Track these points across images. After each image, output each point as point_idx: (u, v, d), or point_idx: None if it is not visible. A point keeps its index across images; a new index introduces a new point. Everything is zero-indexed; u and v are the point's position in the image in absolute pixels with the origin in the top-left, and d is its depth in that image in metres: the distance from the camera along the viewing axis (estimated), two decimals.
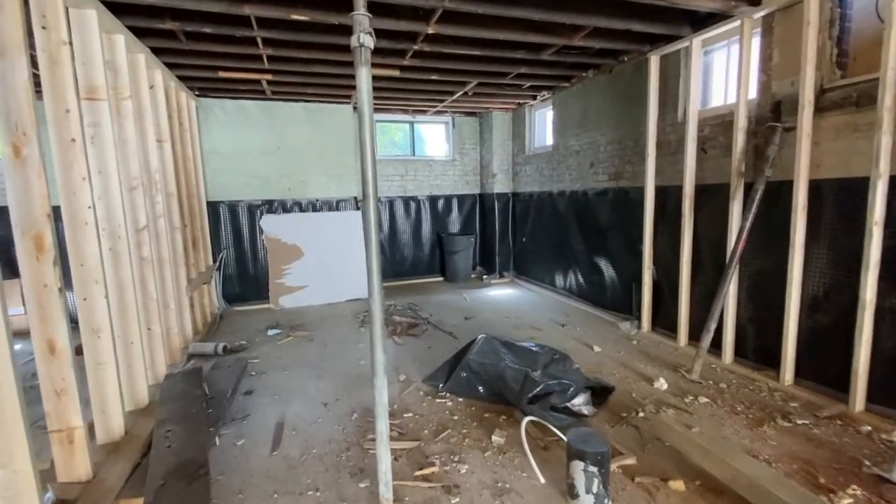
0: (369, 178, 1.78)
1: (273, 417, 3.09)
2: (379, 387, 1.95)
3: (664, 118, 4.33)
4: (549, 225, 6.41)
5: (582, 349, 4.22)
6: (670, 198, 4.30)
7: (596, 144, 5.31)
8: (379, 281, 1.88)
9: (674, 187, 4.25)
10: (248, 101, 6.05)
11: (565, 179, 5.95)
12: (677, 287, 4.19)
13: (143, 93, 3.68)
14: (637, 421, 2.92)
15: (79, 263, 2.57)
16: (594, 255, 5.45)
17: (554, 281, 6.40)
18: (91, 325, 2.64)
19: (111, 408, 2.73)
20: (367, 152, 1.77)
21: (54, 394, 2.25)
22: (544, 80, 5.42)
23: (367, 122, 1.77)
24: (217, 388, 3.34)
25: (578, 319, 5.17)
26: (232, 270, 6.23)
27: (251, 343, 4.70)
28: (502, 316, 5.45)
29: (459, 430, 2.84)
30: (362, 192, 1.81)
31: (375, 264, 1.86)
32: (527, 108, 6.86)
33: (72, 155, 2.50)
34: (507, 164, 7.41)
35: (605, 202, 5.21)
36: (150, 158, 3.78)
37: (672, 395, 3.29)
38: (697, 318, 4.08)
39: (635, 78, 4.65)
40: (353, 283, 6.51)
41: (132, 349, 3.11)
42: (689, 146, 3.94)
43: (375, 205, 1.82)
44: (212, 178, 5.98)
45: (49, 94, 2.42)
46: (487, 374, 3.16)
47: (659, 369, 3.73)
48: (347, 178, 6.70)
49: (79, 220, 2.54)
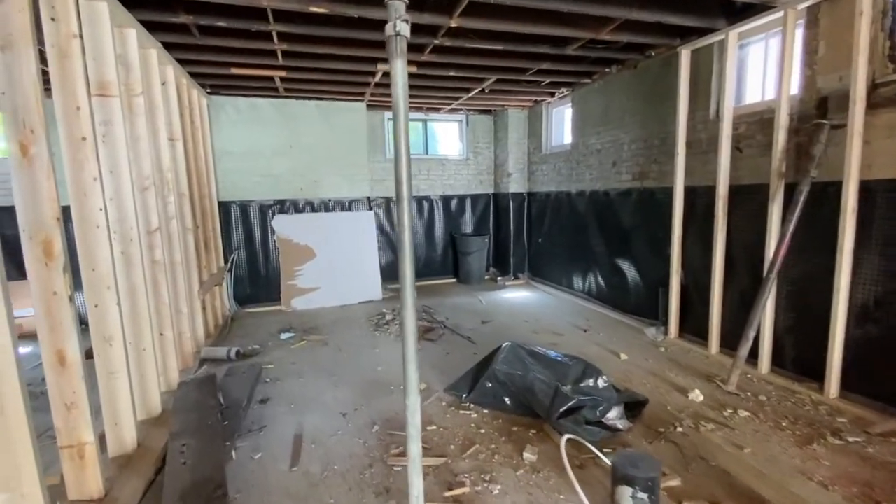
0: (403, 179, 1.62)
1: (290, 429, 2.96)
2: (412, 407, 1.80)
3: (694, 115, 4.14)
4: (566, 226, 6.23)
5: (607, 356, 4.05)
6: (701, 199, 4.12)
7: (619, 143, 5.13)
8: (412, 292, 1.73)
9: (704, 188, 4.06)
10: (261, 98, 5.92)
11: (585, 179, 5.77)
12: (708, 292, 4.01)
13: (155, 89, 3.55)
14: (676, 437, 2.75)
15: (90, 268, 2.45)
16: (616, 257, 5.27)
17: (572, 283, 6.22)
18: (103, 333, 2.51)
19: (123, 419, 2.60)
20: (401, 152, 1.62)
21: (64, 407, 2.13)
22: (565, 76, 5.24)
23: (403, 118, 1.61)
24: (232, 396, 3.21)
25: (600, 324, 5.00)
26: (243, 272, 6.12)
27: (264, 347, 4.57)
28: (520, 320, 5.29)
29: (488, 446, 2.69)
30: (396, 195, 1.65)
31: (409, 273, 1.71)
32: (544, 106, 6.68)
33: (82, 154, 2.37)
34: (522, 163, 7.23)
35: (628, 203, 5.02)
36: (163, 158, 3.65)
37: (709, 407, 3.11)
38: (729, 325, 3.90)
39: (663, 73, 4.46)
40: (365, 285, 6.38)
41: (144, 356, 2.98)
42: (724, 144, 3.75)
43: (410, 209, 1.67)
44: (223, 177, 5.86)
45: (58, 90, 2.29)
46: (514, 385, 3.00)
47: (692, 379, 3.55)
48: (360, 178, 6.56)
49: (90, 223, 2.41)
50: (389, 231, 7.23)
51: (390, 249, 7.26)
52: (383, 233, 7.13)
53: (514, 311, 5.67)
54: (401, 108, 1.59)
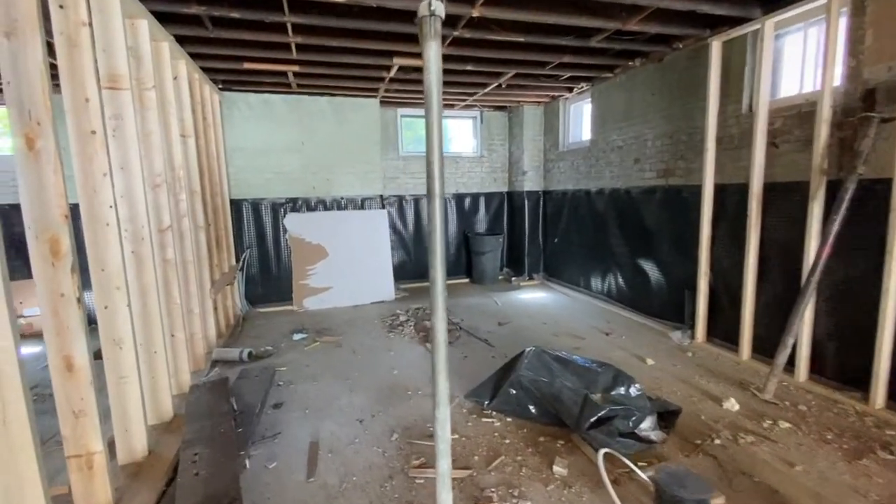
0: (436, 174, 1.48)
1: (306, 436, 2.84)
2: (441, 419, 1.66)
3: (725, 110, 3.96)
4: (585, 225, 6.06)
5: (633, 362, 3.88)
6: (731, 197, 3.93)
7: (642, 139, 4.94)
8: (443, 297, 1.59)
9: (736, 186, 3.87)
10: (273, 94, 5.82)
11: (605, 176, 5.59)
12: (738, 294, 3.82)
13: (166, 84, 3.45)
14: (714, 449, 2.59)
15: (99, 268, 2.34)
16: (638, 257, 5.09)
17: (590, 284, 6.04)
18: (112, 336, 2.41)
19: (134, 426, 2.50)
20: (433, 143, 1.48)
21: (72, 415, 2.02)
22: (586, 69, 5.07)
23: (435, 107, 1.47)
24: (244, 400, 3.10)
25: (622, 327, 4.82)
26: (255, 271, 6.03)
27: (277, 348, 4.46)
28: (538, 322, 5.13)
29: (514, 457, 2.54)
30: (427, 190, 1.51)
31: (440, 279, 1.56)
32: (561, 102, 6.50)
33: (92, 148, 2.26)
34: (538, 160, 7.06)
35: (652, 201, 4.84)
36: (174, 154, 3.55)
37: (746, 418, 2.94)
38: (762, 329, 3.72)
39: (690, 66, 4.27)
40: (378, 285, 6.26)
41: (155, 359, 2.88)
42: (758, 140, 3.56)
43: (443, 206, 1.52)
44: (235, 175, 5.77)
45: (67, 81, 2.19)
46: (540, 392, 2.85)
47: (724, 387, 3.38)
48: (373, 176, 6.43)
49: (99, 221, 2.31)
50: (402, 230, 7.11)
51: (403, 249, 7.13)
52: (395, 232, 7.01)
53: (531, 313, 5.51)
54: (434, 96, 1.45)
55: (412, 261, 7.18)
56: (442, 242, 1.55)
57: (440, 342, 1.60)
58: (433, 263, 1.56)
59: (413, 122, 7.47)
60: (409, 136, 7.43)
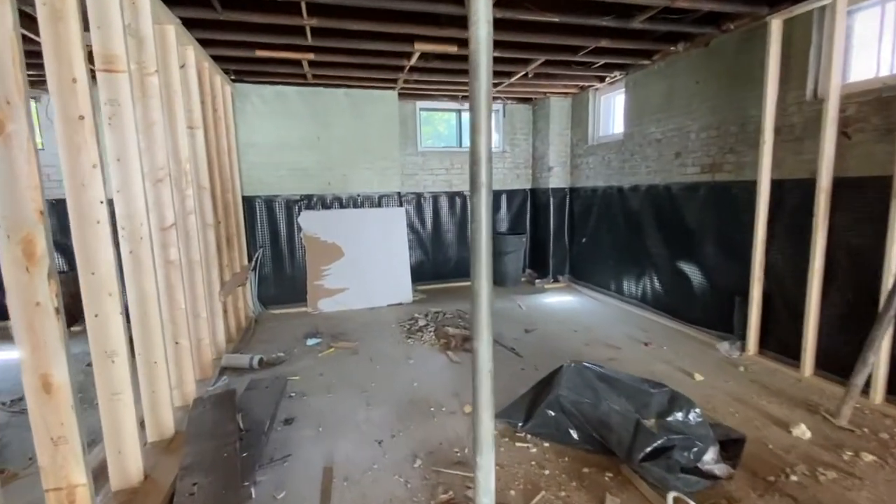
0: (482, 160, 1.16)
1: (318, 459, 2.54)
2: (484, 468, 1.34)
3: (785, 97, 3.54)
4: (616, 224, 5.66)
5: (678, 376, 3.50)
6: (791, 194, 3.52)
7: (684, 131, 4.53)
8: (488, 315, 1.26)
9: (796, 181, 3.46)
10: (287, 86, 5.56)
11: (640, 172, 5.19)
12: (798, 302, 3.42)
13: (172, 70, 3.18)
14: (792, 488, 2.21)
15: (89, 272, 2.08)
16: (678, 260, 4.68)
17: (622, 288, 5.65)
18: (104, 348, 2.14)
19: (128, 448, 2.23)
20: (480, 124, 1.15)
21: (50, 443, 1.75)
22: (622, 56, 4.68)
23: (484, 69, 1.14)
24: (253, 416, 2.82)
25: (661, 336, 4.43)
26: (268, 271, 5.78)
27: (289, 354, 4.20)
28: (568, 329, 4.77)
29: (556, 493, 2.20)
30: (471, 182, 1.19)
31: (486, 293, 1.24)
32: (591, 93, 6.11)
33: (80, 136, 1.99)
34: (564, 155, 6.67)
35: (695, 199, 4.43)
36: (180, 147, 3.29)
37: (821, 448, 2.55)
38: (827, 342, 3.30)
39: (743, 50, 3.86)
40: (395, 286, 5.96)
41: (155, 371, 2.62)
42: (828, 129, 3.14)
43: (489, 200, 1.20)
44: (248, 171, 5.53)
45: (51, 58, 1.92)
46: (583, 415, 2.50)
47: (789, 408, 2.98)
48: (391, 172, 6.13)
49: (88, 218, 2.04)
50: (420, 229, 6.80)
51: (420, 248, 6.83)
52: (413, 231, 6.71)
53: (559, 319, 5.15)
54: (482, 55, 1.12)
55: (430, 261, 6.87)
56: (488, 247, 1.23)
57: (483, 371, 1.28)
58: (477, 273, 1.24)
59: (431, 117, 7.15)
60: (427, 130, 7.12)
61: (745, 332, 3.84)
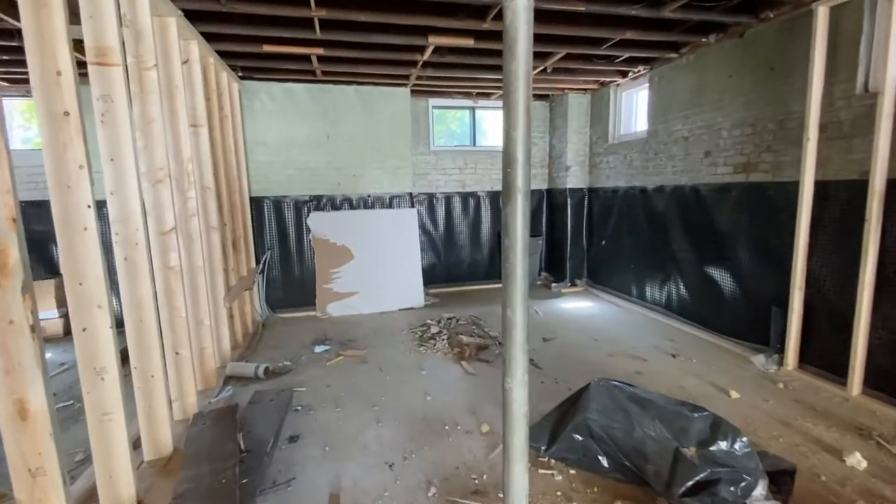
0: (518, 162, 0.95)
1: (324, 484, 2.35)
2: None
3: (831, 91, 3.25)
4: (638, 226, 5.39)
5: (711, 393, 3.25)
6: (837, 196, 3.23)
7: (715, 128, 4.26)
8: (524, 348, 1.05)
9: (844, 182, 3.18)
10: (296, 83, 5.39)
11: (666, 172, 4.92)
12: (844, 314, 3.14)
13: (173, 65, 3.02)
14: None
15: (76, 282, 1.91)
16: (707, 265, 4.41)
17: (644, 293, 5.38)
18: (93, 365, 1.97)
19: (120, 472, 2.07)
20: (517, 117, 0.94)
21: (27, 474, 1.58)
22: (648, 49, 4.41)
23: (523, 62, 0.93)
24: (255, 434, 2.64)
25: (690, 347, 4.16)
26: (276, 273, 5.63)
27: (296, 362, 4.02)
28: (589, 337, 4.52)
29: None
30: (504, 189, 0.98)
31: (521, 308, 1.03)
32: (612, 89, 5.84)
33: (65, 134, 1.83)
34: (583, 154, 6.41)
35: (727, 200, 4.15)
36: (182, 146, 3.12)
37: (881, 480, 2.28)
38: (878, 358, 3.02)
39: (782, 41, 3.58)
40: (406, 290, 5.77)
41: (152, 385, 2.45)
42: (883, 125, 2.86)
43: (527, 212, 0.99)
44: (256, 170, 5.38)
45: (33, 49, 1.75)
46: (614, 440, 2.27)
47: (838, 432, 2.71)
48: (402, 172, 5.94)
49: (75, 224, 1.87)
50: (431, 230, 6.60)
51: (432, 251, 6.63)
52: (425, 232, 6.51)
53: (579, 326, 4.90)
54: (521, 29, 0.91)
55: (442, 263, 6.67)
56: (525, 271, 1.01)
57: (517, 416, 1.07)
58: (511, 300, 1.03)
59: (444, 114, 6.94)
60: (440, 129, 6.91)
61: (784, 344, 3.56)
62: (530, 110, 0.96)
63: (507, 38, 0.95)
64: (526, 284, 1.02)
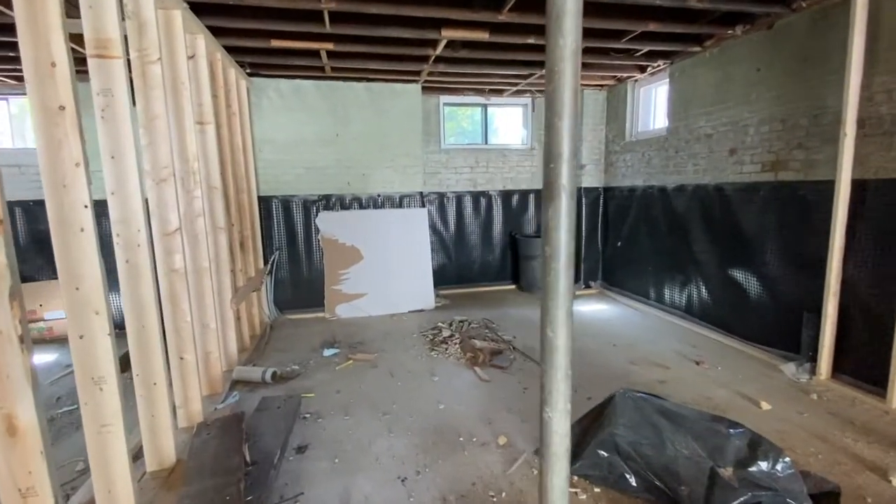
0: (563, 157, 0.81)
1: (334, 500, 2.22)
2: None
3: (870, 84, 3.06)
4: (657, 227, 5.21)
5: (741, 404, 3.07)
6: (877, 196, 3.04)
7: (740, 125, 4.07)
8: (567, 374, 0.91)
9: (885, 182, 2.99)
10: (305, 80, 5.28)
11: (687, 171, 4.73)
12: (883, 321, 2.96)
13: (179, 59, 2.91)
14: None
15: (72, 287, 1.80)
16: (732, 268, 4.22)
17: (662, 297, 5.20)
18: (90, 374, 1.87)
19: (119, 486, 1.96)
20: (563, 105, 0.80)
21: (17, 495, 1.47)
22: (669, 42, 4.23)
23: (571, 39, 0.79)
24: (262, 444, 2.53)
25: (714, 354, 3.98)
26: (284, 274, 5.53)
27: (304, 367, 3.91)
28: (607, 343, 4.36)
29: None
30: (546, 188, 0.84)
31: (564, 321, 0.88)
32: (629, 85, 5.65)
33: (60, 130, 1.72)
34: (598, 152, 6.24)
35: (753, 200, 3.96)
36: (188, 143, 3.02)
37: None
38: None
39: (816, 31, 3.39)
40: (416, 292, 5.64)
41: (155, 393, 2.34)
42: None
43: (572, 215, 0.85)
44: (264, 169, 5.29)
45: (26, 38, 1.64)
46: (643, 458, 2.12)
47: (881, 449, 2.53)
48: (413, 171, 5.81)
49: (71, 225, 1.76)
50: (442, 230, 6.46)
51: (443, 251, 6.49)
52: (435, 232, 6.37)
53: (596, 331, 4.74)
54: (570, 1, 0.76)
55: (453, 264, 6.52)
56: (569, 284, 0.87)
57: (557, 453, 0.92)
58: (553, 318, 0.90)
59: (455, 112, 6.79)
60: (451, 127, 6.76)
61: (816, 352, 3.37)
62: (578, 96, 0.82)
63: (554, 8, 0.82)
64: (570, 301, 0.88)
